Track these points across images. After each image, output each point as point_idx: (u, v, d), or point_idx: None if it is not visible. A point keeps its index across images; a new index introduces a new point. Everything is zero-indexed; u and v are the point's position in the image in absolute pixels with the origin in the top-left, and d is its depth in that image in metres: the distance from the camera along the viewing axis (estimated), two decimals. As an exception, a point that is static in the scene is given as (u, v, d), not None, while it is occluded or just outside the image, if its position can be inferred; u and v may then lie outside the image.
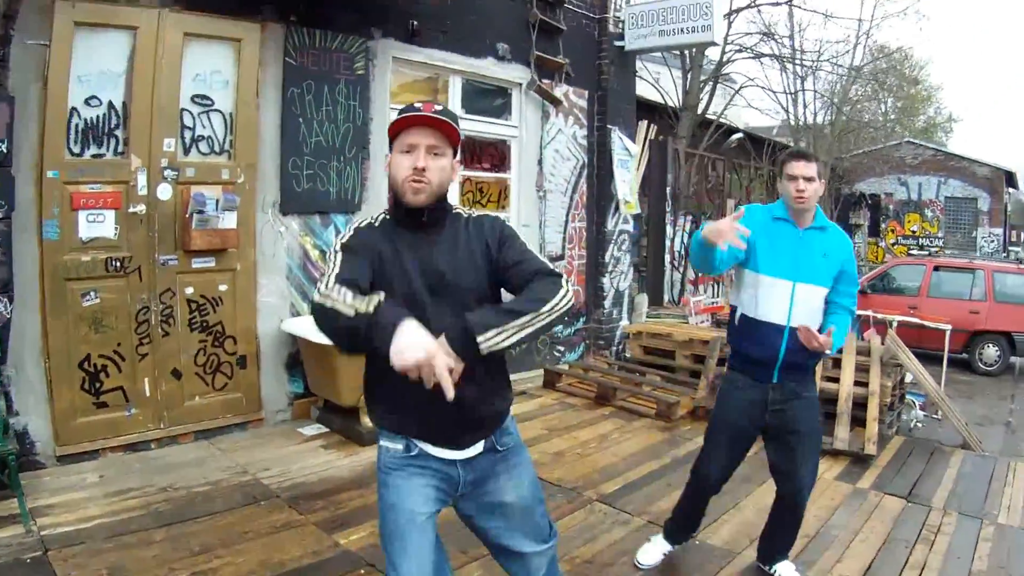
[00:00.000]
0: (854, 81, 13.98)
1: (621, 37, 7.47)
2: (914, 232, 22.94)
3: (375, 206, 5.45)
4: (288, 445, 4.57)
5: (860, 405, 5.25)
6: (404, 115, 1.89)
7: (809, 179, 2.85)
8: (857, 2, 14.24)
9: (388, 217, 2.00)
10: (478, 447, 2.00)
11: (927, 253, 19.70)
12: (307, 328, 4.78)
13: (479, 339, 1.68)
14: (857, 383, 5.34)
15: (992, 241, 22.88)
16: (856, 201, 15.53)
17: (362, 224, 2.01)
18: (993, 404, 7.81)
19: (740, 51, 12.33)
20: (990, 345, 9.37)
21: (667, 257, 9.18)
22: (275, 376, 4.93)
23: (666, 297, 9.22)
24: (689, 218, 9.78)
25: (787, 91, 13.70)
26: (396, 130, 1.90)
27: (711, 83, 12.30)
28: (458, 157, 2.03)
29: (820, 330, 2.83)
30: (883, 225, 21.15)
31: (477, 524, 2.10)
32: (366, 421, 4.56)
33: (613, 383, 6.23)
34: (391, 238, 1.93)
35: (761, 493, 4.05)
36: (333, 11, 5.06)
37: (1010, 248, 28.19)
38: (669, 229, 9.22)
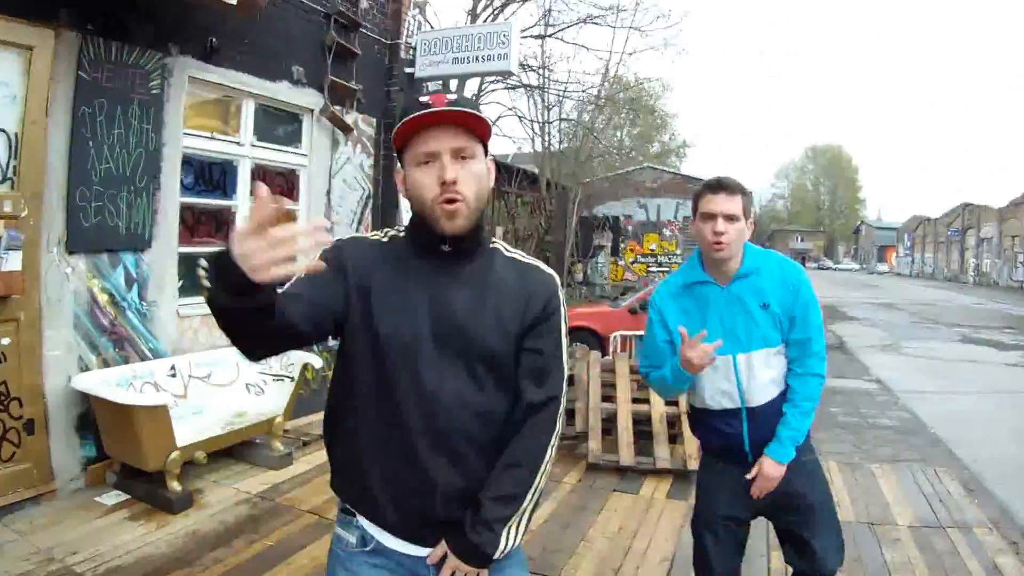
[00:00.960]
0: (601, 110, 15.75)
1: (412, 63, 7.91)
2: (652, 251, 26.68)
3: (166, 244, 5.32)
4: (91, 519, 4.32)
5: (670, 423, 6.08)
6: (410, 116, 1.52)
7: (731, 218, 2.40)
8: (611, 35, 15.89)
9: (401, 235, 1.70)
10: None
11: (665, 269, 23.20)
12: (99, 385, 4.58)
13: (497, 554, 1.59)
14: (667, 402, 6.18)
15: (730, 257, 27.58)
16: (599, 224, 17.45)
17: (360, 237, 1.70)
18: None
19: (496, 81, 13.34)
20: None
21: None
22: (66, 440, 4.62)
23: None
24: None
25: (537, 120, 15.08)
26: (404, 137, 1.56)
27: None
28: (490, 157, 1.68)
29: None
30: (622, 245, 24.31)
31: None
32: (174, 485, 4.51)
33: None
34: (399, 264, 1.63)
35: (604, 520, 4.68)
36: (132, 21, 4.91)
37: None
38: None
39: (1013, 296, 35.39)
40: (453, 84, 12.45)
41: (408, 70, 7.91)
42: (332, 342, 1.65)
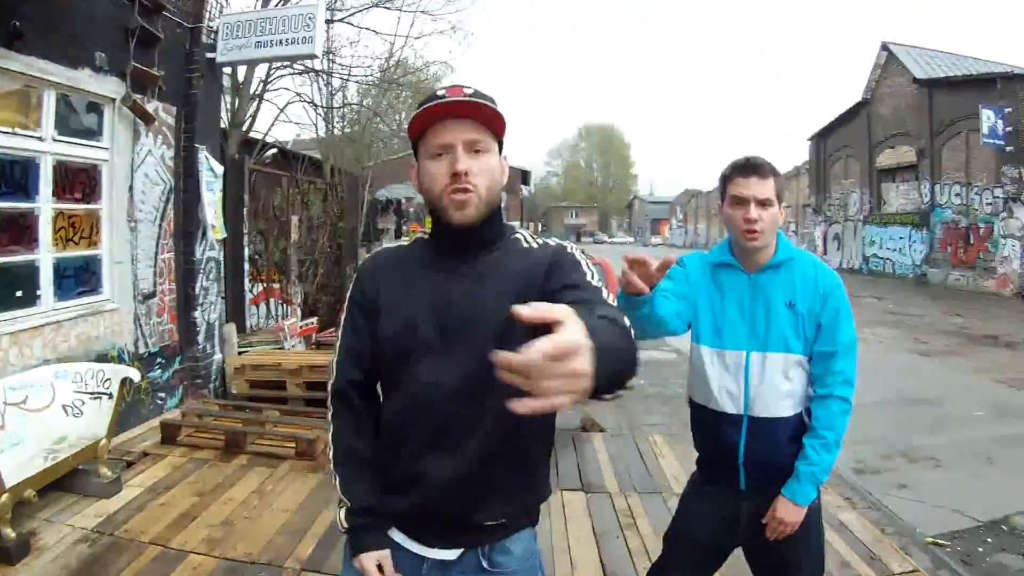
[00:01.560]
0: (385, 93, 15.77)
1: (214, 48, 7.59)
2: (432, 230, 27.92)
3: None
4: (-72, 581, 3.91)
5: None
6: (426, 106, 1.56)
7: (764, 203, 2.24)
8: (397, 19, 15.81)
9: (428, 237, 1.75)
10: (453, 552, 1.68)
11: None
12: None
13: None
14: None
15: (510, 233, 29.39)
16: (383, 207, 17.57)
17: (382, 248, 1.80)
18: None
19: (285, 66, 12.95)
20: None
21: (247, 281, 9.45)
22: None
23: (248, 323, 9.49)
24: (259, 237, 10.16)
25: (322, 105, 14.83)
26: (419, 129, 1.61)
27: (257, 100, 12.77)
28: (505, 154, 1.69)
29: (797, 427, 2.31)
30: (404, 227, 25.01)
31: None
32: (8, 532, 4.18)
33: (238, 427, 6.35)
34: (413, 267, 1.70)
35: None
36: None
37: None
38: (246, 251, 9.49)
39: (786, 260, 39.24)
40: (242, 72, 11.97)
41: (209, 55, 7.58)
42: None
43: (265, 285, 10.49)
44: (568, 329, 0.96)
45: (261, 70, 12.53)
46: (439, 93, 1.58)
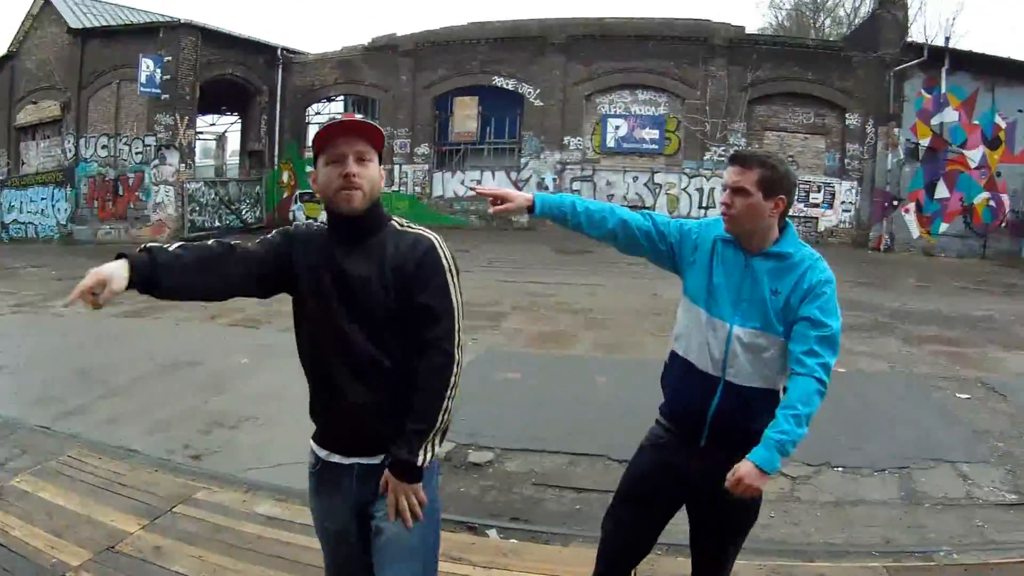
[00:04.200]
0: None
1: None
2: None
3: None
4: None
5: None
6: (330, 123, 2.14)
7: (739, 190, 2.40)
8: None
9: (327, 227, 2.24)
10: (375, 458, 2.20)
11: None
12: None
13: (421, 463, 2.10)
14: None
15: None
16: None
17: (303, 224, 2.36)
18: None
19: None
20: None
21: None
22: None
23: None
24: None
25: None
26: (321, 143, 2.15)
27: None
28: (382, 166, 2.23)
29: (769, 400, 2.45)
30: None
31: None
32: None
33: None
34: (322, 245, 2.21)
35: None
36: None
37: None
38: None
39: None
40: None
41: None
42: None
43: None
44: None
45: None
46: (337, 117, 2.28)
